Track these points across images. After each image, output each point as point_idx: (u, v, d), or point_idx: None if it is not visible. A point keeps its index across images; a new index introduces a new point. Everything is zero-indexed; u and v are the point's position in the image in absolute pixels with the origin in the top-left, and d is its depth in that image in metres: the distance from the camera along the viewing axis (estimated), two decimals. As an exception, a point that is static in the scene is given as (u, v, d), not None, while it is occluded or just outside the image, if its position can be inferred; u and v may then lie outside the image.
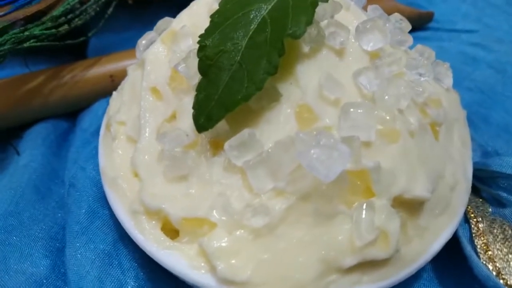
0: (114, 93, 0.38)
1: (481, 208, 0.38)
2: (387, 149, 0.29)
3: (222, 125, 0.30)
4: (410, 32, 0.56)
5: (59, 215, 0.39)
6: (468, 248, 0.33)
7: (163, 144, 0.31)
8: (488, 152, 0.43)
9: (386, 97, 0.29)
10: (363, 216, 0.27)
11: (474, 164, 0.40)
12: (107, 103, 0.44)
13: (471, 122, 0.46)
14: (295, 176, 0.27)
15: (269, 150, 0.28)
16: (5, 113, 0.45)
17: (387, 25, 0.33)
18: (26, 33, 0.40)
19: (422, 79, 0.32)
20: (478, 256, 0.33)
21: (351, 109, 0.28)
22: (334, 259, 0.27)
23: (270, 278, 0.27)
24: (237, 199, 0.29)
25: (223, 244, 0.28)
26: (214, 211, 0.29)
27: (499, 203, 0.38)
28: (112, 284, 0.32)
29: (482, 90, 0.47)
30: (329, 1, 0.30)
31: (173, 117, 0.33)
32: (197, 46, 0.30)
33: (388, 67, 0.31)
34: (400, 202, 0.29)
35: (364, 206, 0.27)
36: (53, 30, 0.41)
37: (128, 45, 0.55)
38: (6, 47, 0.39)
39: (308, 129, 0.28)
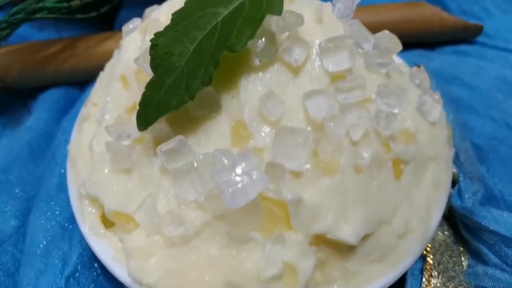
0: (100, 72, 0.39)
1: (453, 259, 0.34)
2: (319, 182, 0.26)
3: (163, 126, 0.29)
4: (452, 44, 0.51)
5: (41, 176, 0.41)
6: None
7: (109, 135, 0.31)
8: (494, 196, 0.37)
9: (332, 125, 0.27)
10: (270, 248, 0.25)
11: (462, 208, 0.35)
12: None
13: (486, 158, 0.41)
14: (212, 193, 0.26)
15: (196, 162, 0.27)
16: (23, 75, 0.48)
17: (364, 45, 0.29)
18: (40, 4, 0.42)
19: (395, 110, 0.29)
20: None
21: (285, 134, 0.26)
22: (238, 285, 0.26)
23: (174, 287, 0.27)
24: (163, 203, 0.29)
25: (139, 245, 0.28)
26: (140, 211, 0.29)
27: (480, 258, 0.34)
28: (58, 255, 0.34)
29: (509, 125, 0.41)
30: (292, 13, 0.27)
31: (134, 107, 0.33)
32: None
33: (348, 92, 0.28)
34: (324, 241, 0.27)
35: (273, 239, 0.25)
36: (65, 4, 0.43)
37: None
38: (19, 15, 0.42)
39: (240, 147, 0.27)
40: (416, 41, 0.50)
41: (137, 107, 0.32)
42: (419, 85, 0.33)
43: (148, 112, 0.28)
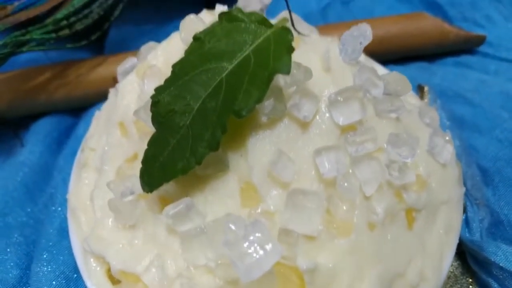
0: (96, 112, 0.38)
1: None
2: (333, 245, 0.26)
3: (169, 185, 0.28)
4: (453, 55, 0.50)
5: (40, 220, 0.40)
6: None
7: (112, 192, 0.30)
8: (500, 221, 0.37)
9: (346, 184, 0.26)
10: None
11: (471, 242, 0.35)
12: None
13: (491, 181, 0.40)
14: (224, 261, 0.25)
15: (206, 226, 0.26)
16: (13, 104, 0.46)
17: (374, 91, 0.28)
18: (27, 36, 0.40)
19: (407, 160, 0.28)
20: None
21: (299, 198, 0.25)
22: None
23: None
24: (172, 264, 0.28)
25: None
26: (149, 272, 0.28)
27: (489, 291, 0.34)
28: (64, 308, 0.34)
29: (514, 145, 0.40)
30: (299, 67, 0.26)
31: (135, 157, 0.32)
32: None
33: (360, 145, 0.27)
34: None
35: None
36: (53, 35, 0.41)
37: (147, 38, 0.53)
38: (6, 50, 0.40)
39: (249, 209, 0.26)
40: (417, 54, 0.49)
41: (138, 157, 0.31)
42: (429, 124, 0.32)
43: (152, 173, 0.27)
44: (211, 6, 0.58)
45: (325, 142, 0.27)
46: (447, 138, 0.31)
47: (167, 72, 0.31)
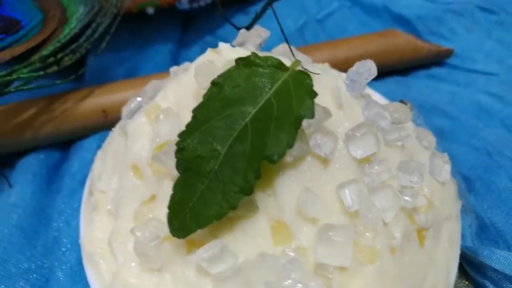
0: (99, 152, 0.37)
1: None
2: (362, 272, 0.27)
3: (197, 227, 0.29)
4: (424, 67, 0.53)
5: (46, 265, 0.39)
6: None
7: (136, 238, 0.30)
8: (485, 225, 0.41)
9: (370, 215, 0.28)
10: None
11: (466, 249, 0.38)
12: (98, 144, 0.43)
13: (473, 187, 0.44)
14: (263, 298, 0.26)
15: (241, 267, 0.27)
16: (-2, 143, 0.44)
17: (382, 123, 0.30)
18: (13, 75, 0.39)
19: (416, 185, 0.30)
20: None
21: (330, 233, 0.27)
22: None
23: None
24: (207, 302, 0.28)
25: None
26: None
27: (484, 292, 0.37)
28: None
29: (489, 152, 0.44)
30: (318, 108, 0.28)
31: (153, 198, 0.32)
32: (176, 132, 0.29)
33: (376, 176, 0.29)
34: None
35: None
36: (41, 72, 0.40)
37: (128, 64, 0.53)
38: (-7, 91, 0.38)
39: (282, 247, 0.28)
40: (392, 69, 0.52)
41: (156, 199, 0.32)
42: (427, 147, 0.34)
43: (183, 219, 0.28)
44: (188, 29, 0.58)
45: (345, 176, 0.29)
46: (445, 159, 0.33)
47: (181, 114, 0.31)
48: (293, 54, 0.34)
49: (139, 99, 0.35)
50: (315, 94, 0.27)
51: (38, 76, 0.40)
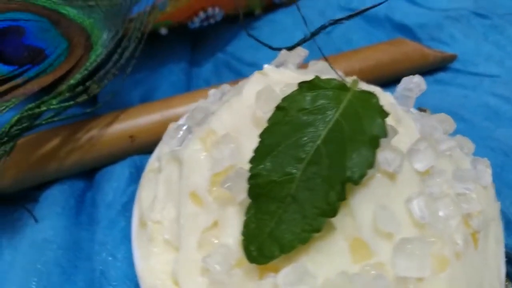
0: (142, 181, 0.37)
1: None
2: (437, 281, 0.29)
3: (271, 250, 0.29)
4: (430, 73, 0.56)
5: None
6: None
7: (209, 266, 0.30)
8: (509, 221, 0.43)
9: (440, 225, 0.29)
10: None
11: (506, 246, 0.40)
12: (129, 171, 0.43)
13: (495, 186, 0.46)
14: (351, 317, 0.27)
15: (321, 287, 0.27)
16: (19, 178, 0.42)
17: (436, 135, 0.32)
18: (43, 107, 0.37)
19: (471, 192, 0.32)
20: None
21: (408, 246, 0.27)
22: None
23: None
24: (288, 328, 0.29)
25: None
26: None
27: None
28: None
29: (505, 152, 0.47)
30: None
31: (215, 225, 0.32)
32: (236, 157, 0.30)
33: (438, 187, 0.30)
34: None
35: None
36: (71, 102, 0.39)
37: (142, 86, 0.52)
38: (22, 125, 0.37)
39: (361, 264, 0.28)
40: (401, 77, 0.54)
41: (218, 225, 0.32)
42: (467, 153, 0.36)
43: (261, 245, 0.28)
44: (198, 47, 0.58)
45: (410, 189, 0.30)
46: (486, 163, 0.35)
47: (239, 139, 0.31)
48: (336, 72, 0.35)
49: (182, 124, 0.35)
50: (386, 114, 0.28)
51: (68, 106, 0.38)
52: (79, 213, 0.43)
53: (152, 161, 0.38)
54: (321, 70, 0.38)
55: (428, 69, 0.55)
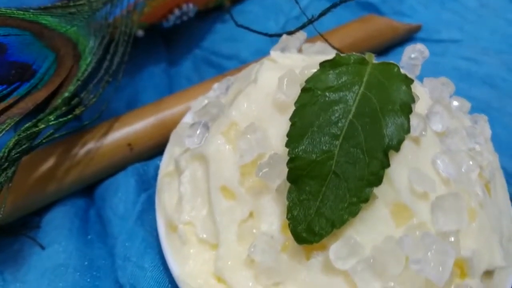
0: (160, 186, 0.36)
1: None
2: (470, 231, 0.31)
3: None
4: (400, 45, 0.58)
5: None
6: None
7: (256, 255, 0.30)
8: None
9: (463, 178, 0.31)
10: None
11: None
12: (134, 179, 0.42)
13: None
14: (405, 277, 0.28)
15: (373, 256, 0.28)
16: (18, 205, 0.40)
17: (446, 98, 0.34)
18: (40, 125, 0.35)
19: (477, 146, 0.34)
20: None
21: (445, 203, 0.29)
22: None
23: None
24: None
25: None
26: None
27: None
28: None
29: (481, 108, 0.50)
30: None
31: (251, 215, 0.32)
32: (264, 145, 0.30)
33: (455, 145, 0.32)
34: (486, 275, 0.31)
35: (468, 292, 0.29)
36: (69, 116, 0.37)
37: (126, 92, 0.50)
38: (22, 147, 0.34)
39: (404, 226, 0.30)
40: (375, 52, 0.56)
41: (254, 215, 0.32)
42: (465, 111, 0.39)
43: (309, 224, 0.28)
44: (172, 47, 0.57)
45: (433, 150, 0.31)
46: (485, 118, 0.38)
47: (263, 127, 0.32)
48: (336, 49, 0.36)
49: (198, 121, 0.34)
50: (411, 81, 0.29)
51: (67, 121, 0.36)
52: (87, 233, 0.41)
53: (165, 165, 0.38)
54: (319, 51, 0.39)
55: (397, 42, 0.58)
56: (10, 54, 0.35)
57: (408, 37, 0.58)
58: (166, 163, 0.37)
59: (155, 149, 0.44)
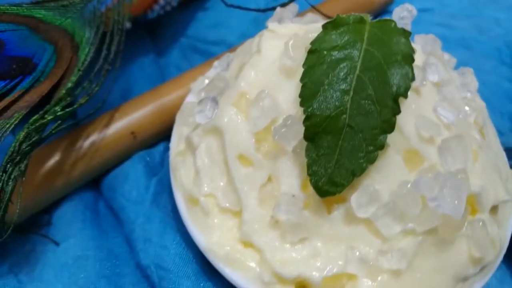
0: (174, 165, 0.36)
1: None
2: (475, 170, 0.33)
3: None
4: (376, 18, 0.61)
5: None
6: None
7: (282, 214, 0.31)
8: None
9: (462, 122, 0.33)
10: (480, 232, 0.31)
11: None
12: (142, 165, 0.42)
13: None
14: (423, 216, 0.30)
15: (394, 200, 0.30)
16: (27, 203, 0.39)
17: (438, 51, 0.36)
18: (48, 117, 0.35)
19: (469, 94, 0.37)
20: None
21: (451, 145, 0.31)
22: (461, 273, 0.32)
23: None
24: (367, 247, 0.31)
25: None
26: (351, 263, 0.31)
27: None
28: None
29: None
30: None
31: (269, 179, 0.33)
32: (275, 111, 0.32)
33: (451, 94, 0.35)
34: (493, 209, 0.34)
35: (480, 224, 0.31)
36: (75, 106, 0.37)
37: (119, 85, 0.51)
38: (32, 140, 0.34)
39: (416, 170, 0.31)
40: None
41: (272, 179, 0.33)
42: (451, 66, 0.41)
43: (330, 177, 0.30)
44: (157, 37, 0.57)
45: (432, 99, 0.34)
46: (471, 70, 0.40)
47: (274, 95, 0.33)
48: (328, 17, 0.38)
49: (207, 92, 0.35)
50: (408, 33, 0.31)
51: (73, 110, 0.36)
52: (99, 224, 0.41)
53: (175, 145, 0.38)
54: (312, 20, 0.40)
55: (374, 14, 0.60)
56: (9, 50, 0.35)
57: (383, 10, 0.61)
58: (176, 143, 0.38)
59: (158, 135, 0.45)
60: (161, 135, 0.45)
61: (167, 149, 0.46)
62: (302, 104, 0.30)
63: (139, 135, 0.43)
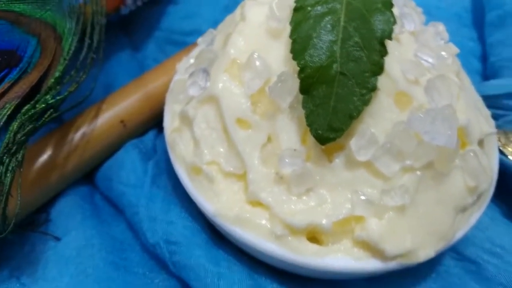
0: (171, 141, 0.37)
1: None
2: (459, 105, 0.35)
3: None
4: None
5: (157, 281, 0.37)
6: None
7: (286, 168, 0.32)
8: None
9: (442, 65, 0.35)
10: (473, 162, 0.33)
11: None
12: (136, 152, 0.42)
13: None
14: (419, 152, 0.32)
15: (390, 140, 0.32)
16: (23, 201, 0.38)
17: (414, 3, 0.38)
18: (40, 105, 0.35)
19: (443, 42, 0.39)
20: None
21: (436, 84, 0.33)
22: (459, 203, 0.33)
23: (425, 238, 0.32)
24: (370, 189, 0.32)
25: (382, 229, 0.32)
26: (357, 206, 0.32)
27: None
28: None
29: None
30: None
31: (269, 139, 0.34)
32: (268, 71, 0.33)
33: (426, 41, 0.37)
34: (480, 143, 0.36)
35: (472, 155, 0.33)
36: (66, 93, 0.37)
37: (100, 81, 0.50)
38: (26, 129, 0.34)
39: (407, 111, 0.33)
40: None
41: (272, 139, 0.34)
42: (422, 20, 0.43)
43: (329, 123, 0.31)
44: (131, 32, 0.57)
45: (411, 46, 0.36)
46: (441, 26, 0.43)
47: (265, 57, 0.34)
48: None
49: (196, 67, 0.36)
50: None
51: (64, 98, 0.36)
52: (99, 215, 0.41)
53: (169, 123, 0.38)
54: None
55: None
56: (-8, 44, 0.35)
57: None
58: (170, 121, 0.38)
59: (148, 123, 0.45)
60: (150, 122, 0.45)
61: (157, 136, 0.46)
62: (294, 58, 0.31)
63: (129, 123, 0.43)
